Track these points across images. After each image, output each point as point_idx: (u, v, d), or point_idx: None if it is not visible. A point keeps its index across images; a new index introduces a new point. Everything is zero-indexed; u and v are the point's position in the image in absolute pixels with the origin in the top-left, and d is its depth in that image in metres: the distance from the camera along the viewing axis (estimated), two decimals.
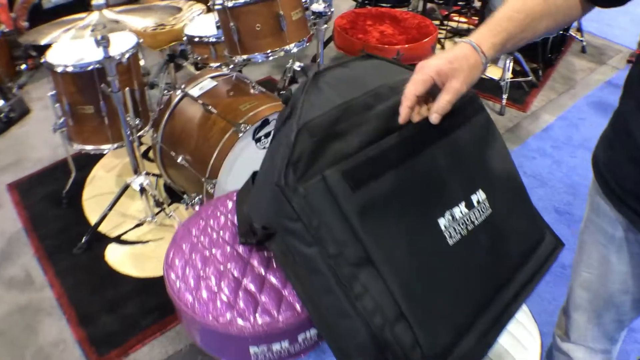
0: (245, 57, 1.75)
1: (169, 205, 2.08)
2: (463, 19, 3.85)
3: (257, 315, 0.89)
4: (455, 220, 0.86)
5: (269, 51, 1.75)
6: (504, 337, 1.06)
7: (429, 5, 3.78)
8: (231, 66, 1.94)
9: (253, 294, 0.93)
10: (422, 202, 0.84)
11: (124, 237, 2.01)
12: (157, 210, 2.04)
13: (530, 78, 3.37)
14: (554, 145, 2.88)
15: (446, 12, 3.80)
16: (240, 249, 1.00)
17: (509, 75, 3.18)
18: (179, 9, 1.68)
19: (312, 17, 1.89)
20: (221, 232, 1.04)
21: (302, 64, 2.42)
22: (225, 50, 1.82)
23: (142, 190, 1.90)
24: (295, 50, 1.80)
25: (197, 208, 1.78)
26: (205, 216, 1.08)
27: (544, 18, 0.88)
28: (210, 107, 1.76)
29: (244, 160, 1.75)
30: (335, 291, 0.78)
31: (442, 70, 0.80)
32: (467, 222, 0.88)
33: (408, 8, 3.46)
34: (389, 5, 3.15)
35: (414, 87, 0.81)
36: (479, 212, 0.91)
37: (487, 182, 0.95)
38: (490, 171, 0.98)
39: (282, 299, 0.92)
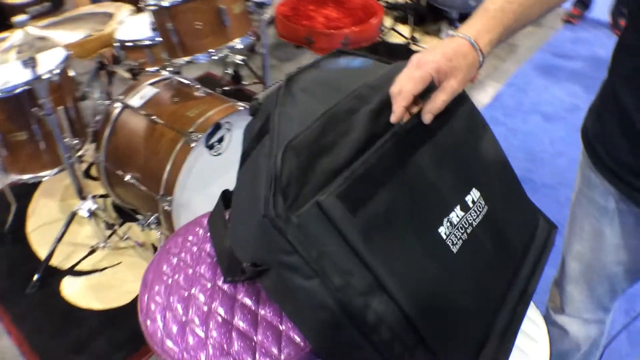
0: (187, 59, 1.61)
1: (120, 225, 1.92)
2: None
3: (256, 357, 0.79)
4: (454, 226, 0.81)
5: (212, 50, 1.61)
6: None
7: None
8: (170, 69, 1.78)
9: (247, 334, 0.82)
10: (420, 215, 0.78)
11: (78, 268, 1.85)
12: (108, 233, 1.88)
13: None
14: (505, 113, 2.88)
15: None
16: (224, 284, 0.89)
17: None
18: (111, 15, 1.51)
19: (253, 8, 1.76)
20: (197, 267, 0.92)
21: (244, 57, 2.29)
22: (164, 53, 1.67)
23: (91, 214, 1.74)
24: (240, 46, 1.67)
25: (153, 228, 1.64)
26: (175, 250, 0.96)
27: (536, 4, 0.84)
28: (154, 117, 1.62)
29: (199, 170, 1.62)
30: (346, 326, 0.70)
31: (442, 69, 0.76)
32: (465, 226, 0.83)
33: None
34: None
35: (412, 85, 0.76)
36: (475, 212, 0.86)
37: (479, 178, 0.90)
38: (481, 165, 0.93)
39: (280, 334, 0.83)
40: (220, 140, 1.66)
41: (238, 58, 2.39)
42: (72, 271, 1.84)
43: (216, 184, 1.72)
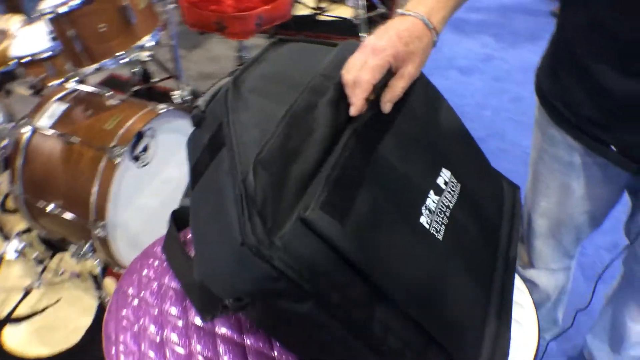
0: (95, 66, 1.45)
1: (51, 258, 1.74)
2: None
3: None
4: (433, 212, 0.79)
5: (122, 52, 1.46)
6: None
7: None
8: (76, 80, 1.61)
9: None
10: (401, 210, 0.74)
11: (16, 314, 1.66)
12: (40, 269, 1.70)
13: (380, 10, 3.32)
14: (424, 71, 2.88)
15: None
16: (198, 320, 0.79)
17: (363, 11, 3.11)
18: (4, 32, 1.32)
19: (156, 0, 1.61)
20: (163, 305, 0.82)
21: (151, 53, 2.12)
22: (68, 63, 1.49)
23: (19, 254, 1.56)
24: (152, 43, 1.53)
25: (89, 257, 1.49)
26: (133, 291, 0.85)
27: None
28: (69, 136, 1.45)
29: (129, 186, 1.48)
30: (353, 344, 0.66)
31: (399, 55, 0.71)
32: (443, 210, 0.80)
33: None
34: None
35: (371, 75, 0.69)
36: (449, 193, 0.84)
37: (446, 156, 0.88)
38: (445, 142, 0.91)
39: None
40: (145, 149, 1.53)
41: (144, 54, 2.22)
42: (10, 319, 1.65)
43: (149, 196, 1.59)
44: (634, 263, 1.15)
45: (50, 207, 1.45)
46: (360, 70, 0.70)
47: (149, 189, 1.58)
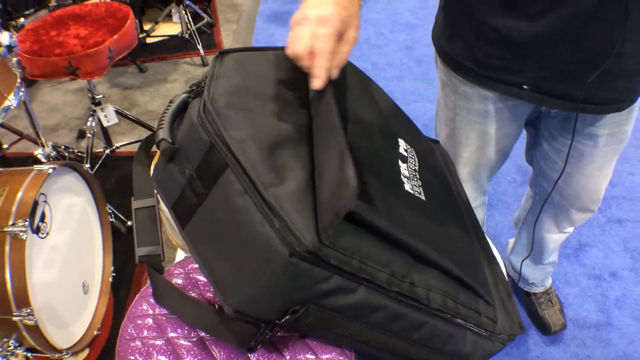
0: None
1: None
2: None
3: None
4: (409, 178, 0.86)
5: None
6: None
7: None
8: None
9: None
10: (391, 182, 0.79)
11: None
12: None
13: (206, 19, 3.29)
14: None
15: None
16: (228, 356, 0.75)
17: (190, 24, 3.05)
18: None
19: (5, 53, 1.43)
20: (185, 358, 0.76)
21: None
22: None
23: None
24: (15, 103, 1.36)
25: (19, 351, 1.31)
26: (142, 358, 0.78)
27: None
28: None
29: (38, 261, 1.33)
30: (404, 313, 0.71)
31: (343, 20, 0.69)
32: (414, 174, 0.87)
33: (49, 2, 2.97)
34: (31, 11, 2.66)
35: (328, 43, 0.68)
36: (412, 159, 0.91)
37: (395, 127, 0.95)
38: (388, 115, 0.97)
39: None
40: (43, 217, 1.37)
41: None
42: None
43: (57, 267, 1.43)
44: (543, 182, 1.31)
45: None
46: (315, 40, 0.68)
47: (53, 261, 1.42)
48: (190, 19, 3.06)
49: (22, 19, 2.43)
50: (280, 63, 0.87)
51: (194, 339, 0.78)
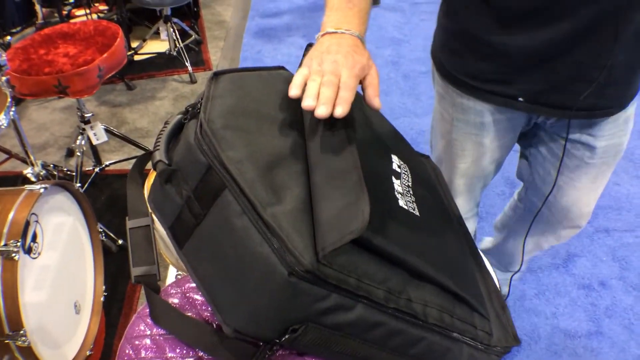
0: None
1: None
2: (85, 10, 3.45)
3: None
4: (403, 194, 0.87)
5: None
6: None
7: (44, 10, 3.29)
8: None
9: None
10: (386, 200, 0.79)
11: None
12: None
13: (194, 37, 3.30)
14: None
15: (65, 12, 3.38)
16: None
17: (177, 41, 3.06)
18: None
19: None
20: None
21: None
22: None
23: None
24: (6, 123, 1.36)
25: None
26: None
27: None
28: None
29: (30, 282, 1.32)
30: (402, 328, 0.71)
31: (364, 66, 0.76)
32: (408, 190, 0.88)
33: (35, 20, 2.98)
34: (17, 29, 2.65)
35: (355, 83, 0.74)
36: (405, 175, 0.93)
37: (387, 144, 0.96)
38: (381, 132, 0.99)
39: None
40: (34, 237, 1.36)
41: None
42: None
43: (49, 287, 1.42)
44: (534, 196, 1.33)
45: None
46: (346, 77, 0.72)
47: (45, 282, 1.41)
48: (178, 36, 3.08)
49: (8, 37, 2.42)
50: (273, 82, 0.88)
51: (193, 359, 0.79)
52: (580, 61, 0.95)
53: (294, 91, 0.72)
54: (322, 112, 0.68)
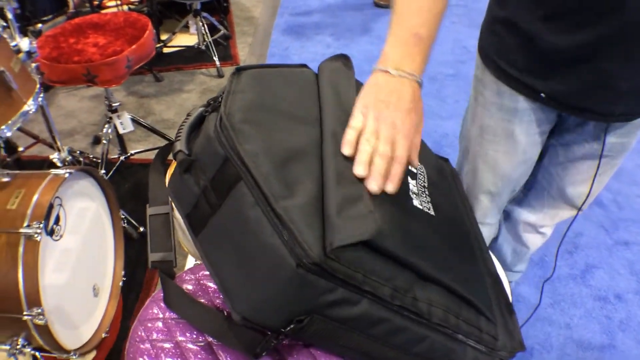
0: None
1: None
2: (116, 2, 3.51)
3: None
4: (418, 194, 0.87)
5: (9, 122, 1.33)
6: None
7: None
8: None
9: None
10: (400, 199, 0.80)
11: None
12: None
13: (223, 31, 3.34)
14: None
15: (96, 2, 3.44)
16: None
17: (206, 35, 3.10)
18: None
19: (25, 58, 1.47)
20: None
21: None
22: None
23: None
24: (34, 108, 1.40)
25: (28, 350, 1.34)
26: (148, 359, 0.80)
27: (441, 13, 0.84)
28: None
29: (51, 263, 1.36)
30: (406, 326, 0.72)
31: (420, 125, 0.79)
32: (423, 190, 0.90)
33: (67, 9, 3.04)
34: (49, 17, 2.71)
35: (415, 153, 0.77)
36: (421, 175, 0.95)
37: None
38: None
39: None
40: (57, 220, 1.40)
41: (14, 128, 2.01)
42: None
43: (69, 269, 1.46)
44: (538, 172, 1.32)
45: None
46: (401, 150, 0.72)
47: (66, 264, 1.45)
48: (207, 31, 3.12)
49: (39, 25, 2.48)
50: (295, 80, 0.90)
51: (202, 344, 0.81)
52: (606, 69, 0.94)
53: (346, 150, 0.71)
54: (373, 187, 0.68)
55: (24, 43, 1.45)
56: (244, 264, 0.68)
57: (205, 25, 3.12)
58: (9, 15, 1.43)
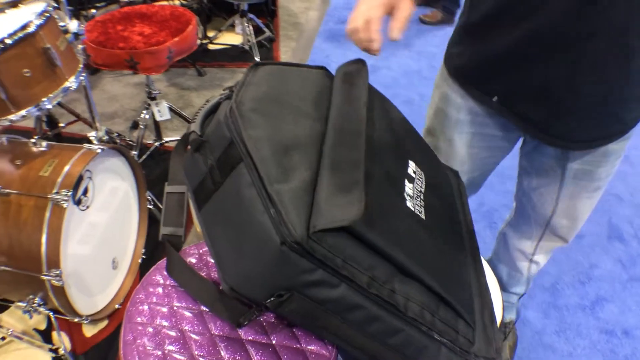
0: (22, 113, 1.40)
1: None
2: None
3: None
4: (412, 197, 0.91)
5: (50, 96, 1.43)
6: None
7: None
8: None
9: None
10: (392, 198, 0.84)
11: None
12: None
13: (267, 34, 3.44)
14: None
15: None
16: (221, 331, 0.83)
17: (251, 36, 3.20)
18: None
19: (72, 39, 1.58)
20: (182, 326, 0.85)
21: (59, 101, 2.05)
22: None
23: None
24: (75, 85, 1.50)
25: (42, 310, 1.43)
26: (145, 320, 0.87)
27: None
28: (2, 189, 1.39)
29: (75, 230, 1.45)
30: (381, 316, 0.75)
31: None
32: (418, 194, 0.93)
33: None
34: (102, 4, 2.85)
35: (380, 11, 0.91)
36: (419, 180, 0.97)
37: (408, 150, 1.01)
38: (404, 139, 1.04)
39: (304, 353, 0.82)
40: (85, 191, 1.50)
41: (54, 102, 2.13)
42: None
43: (92, 239, 1.55)
44: (522, 196, 1.35)
45: None
46: (368, 11, 0.89)
47: (89, 233, 1.54)
48: (252, 32, 3.22)
49: (93, 10, 2.62)
50: (311, 79, 0.96)
51: (195, 311, 0.87)
52: (554, 78, 0.99)
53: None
54: None
55: (73, 25, 1.56)
56: (235, 238, 0.74)
57: (251, 27, 3.22)
58: None
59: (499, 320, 1.05)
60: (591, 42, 0.92)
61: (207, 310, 0.87)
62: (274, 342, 0.82)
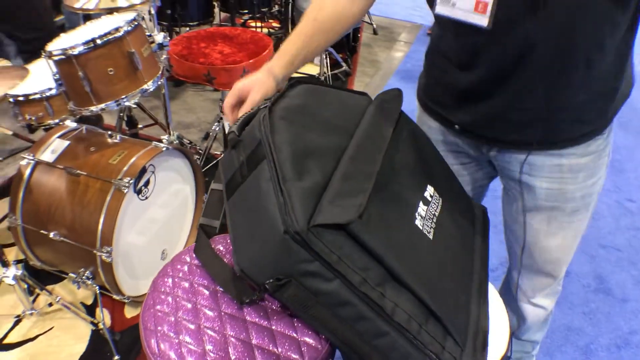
0: (101, 106, 1.59)
1: (41, 289, 1.80)
2: (259, 24, 3.90)
3: None
4: (424, 217, 0.95)
5: (129, 94, 1.61)
6: None
7: (222, 14, 3.77)
8: (76, 118, 1.74)
9: (269, 349, 0.87)
10: (402, 213, 0.90)
11: (7, 341, 1.70)
12: (31, 298, 1.76)
13: (344, 68, 3.59)
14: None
15: (242, 20, 3.84)
16: (229, 309, 0.92)
17: (327, 69, 3.36)
18: (26, 70, 1.44)
19: (156, 49, 1.77)
20: (196, 300, 0.95)
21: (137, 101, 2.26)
22: (71, 103, 1.62)
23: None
24: (152, 88, 1.68)
25: (90, 283, 1.58)
26: (167, 289, 0.97)
27: (315, 36, 1.14)
28: (75, 169, 1.57)
29: (131, 216, 1.60)
30: (369, 316, 0.80)
31: (244, 87, 1.06)
32: (431, 217, 0.98)
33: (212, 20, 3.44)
34: (195, 23, 3.09)
35: (228, 99, 1.06)
36: (434, 204, 1.01)
37: (430, 176, 1.06)
38: (428, 165, 1.09)
39: (298, 342, 0.89)
40: (147, 183, 1.66)
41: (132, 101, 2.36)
42: (1, 345, 1.69)
43: (144, 228, 1.70)
44: (511, 236, 1.37)
45: (51, 235, 1.54)
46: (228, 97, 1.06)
47: (144, 222, 1.69)
48: (329, 64, 3.38)
49: (187, 28, 2.85)
50: (347, 101, 1.05)
51: (211, 289, 0.97)
52: (502, 102, 1.07)
53: None
54: None
55: (159, 36, 1.75)
56: (251, 224, 0.84)
57: (328, 59, 3.38)
58: (152, 11, 1.73)
59: (500, 354, 1.06)
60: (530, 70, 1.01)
61: (221, 289, 0.96)
62: (273, 327, 0.90)
